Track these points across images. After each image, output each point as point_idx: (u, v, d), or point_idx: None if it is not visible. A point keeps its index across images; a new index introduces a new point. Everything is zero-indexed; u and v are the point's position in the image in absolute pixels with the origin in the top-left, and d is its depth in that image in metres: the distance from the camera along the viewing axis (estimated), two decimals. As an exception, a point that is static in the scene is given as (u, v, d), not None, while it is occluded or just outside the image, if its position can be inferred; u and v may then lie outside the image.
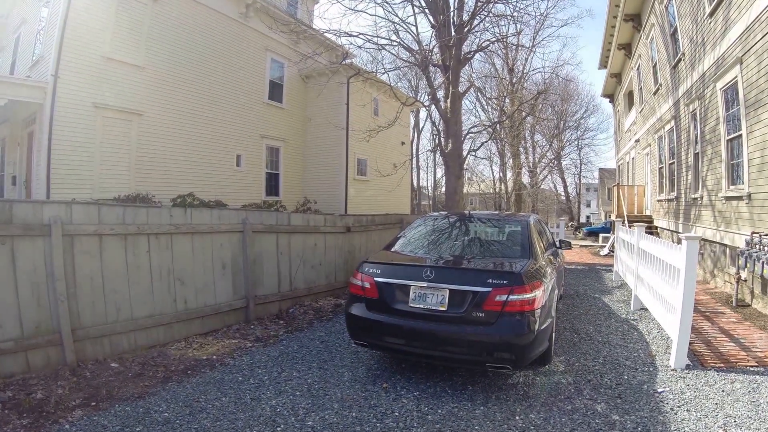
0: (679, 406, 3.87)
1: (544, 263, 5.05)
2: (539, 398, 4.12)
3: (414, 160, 35.53)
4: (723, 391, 4.15)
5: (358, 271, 4.86)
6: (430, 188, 48.23)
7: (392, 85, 17.75)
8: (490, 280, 4.14)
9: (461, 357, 4.28)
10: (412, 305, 4.40)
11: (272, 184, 17.56)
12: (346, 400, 4.10)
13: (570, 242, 7.55)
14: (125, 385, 4.34)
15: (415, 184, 35.42)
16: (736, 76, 7.81)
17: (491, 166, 42.17)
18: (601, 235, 21.00)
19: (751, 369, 4.67)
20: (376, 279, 4.63)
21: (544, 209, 47.92)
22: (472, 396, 4.19)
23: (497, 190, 39.06)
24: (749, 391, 4.10)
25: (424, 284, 4.35)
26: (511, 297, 4.03)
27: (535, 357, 4.32)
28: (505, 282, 4.11)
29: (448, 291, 4.27)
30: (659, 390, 4.24)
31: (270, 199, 16.75)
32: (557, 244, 7.28)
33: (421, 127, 40.60)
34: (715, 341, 5.57)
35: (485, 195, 45.15)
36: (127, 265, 5.21)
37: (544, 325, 4.34)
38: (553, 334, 5.07)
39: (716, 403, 3.90)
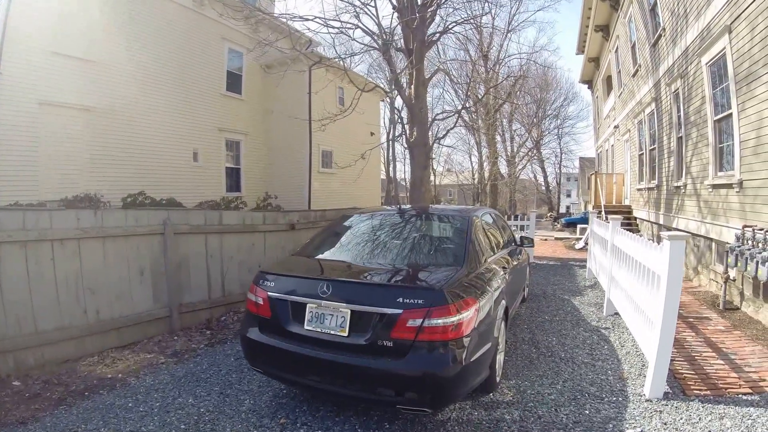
0: (654, 459, 2.89)
1: (486, 270, 4.04)
2: (472, 444, 3.13)
3: (390, 151, 34.42)
4: (709, 431, 3.18)
5: (253, 283, 3.84)
6: (408, 180, 47.21)
7: (368, 74, 16.69)
8: (401, 299, 3.10)
9: (366, 396, 3.26)
10: (308, 328, 3.40)
11: (233, 179, 16.66)
12: (233, 438, 3.31)
13: (533, 239, 6.57)
14: (16, 408, 3.88)
15: (392, 175, 34.22)
16: (724, 48, 6.90)
17: (470, 157, 41.29)
18: (579, 226, 20.10)
19: (744, 398, 3.70)
20: (269, 294, 3.62)
21: (523, 200, 47.22)
22: (386, 438, 3.20)
23: (475, 180, 38.08)
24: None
25: (321, 302, 3.34)
26: (427, 321, 3.01)
27: (463, 394, 3.34)
28: (420, 301, 3.07)
29: (349, 312, 3.26)
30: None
31: (230, 196, 15.96)
32: (518, 241, 6.28)
33: (397, 117, 39.40)
34: (700, 357, 4.61)
35: (464, 186, 44.20)
36: (28, 274, 4.74)
37: (479, 354, 3.32)
38: (501, 356, 4.09)
39: (702, 453, 2.92)
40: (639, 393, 3.87)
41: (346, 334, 3.24)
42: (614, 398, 3.80)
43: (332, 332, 3.29)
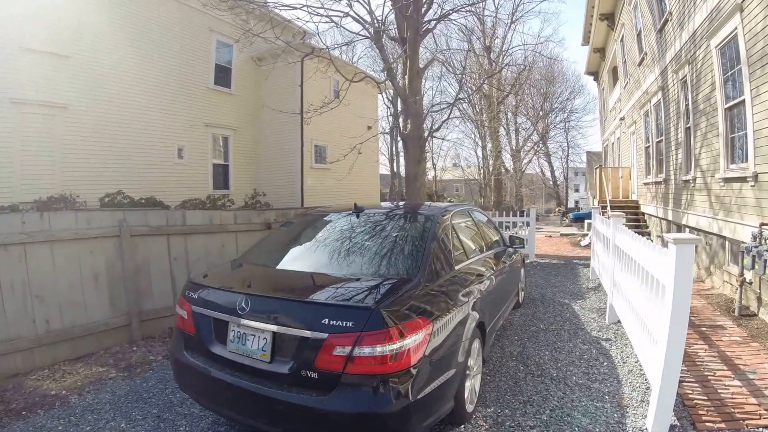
0: None
1: (454, 280, 3.44)
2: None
3: (394, 146, 33.97)
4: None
5: (181, 294, 3.32)
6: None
7: (372, 68, 16.10)
8: (326, 320, 2.52)
9: None
10: (230, 350, 2.87)
11: (221, 176, 16.17)
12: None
13: (523, 239, 5.94)
14: (-50, 428, 3.59)
15: (396, 170, 33.75)
16: (736, 28, 6.32)
17: (476, 151, 40.60)
18: (586, 221, 19.42)
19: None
20: (193, 308, 3.09)
21: (530, 194, 46.44)
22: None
23: (480, 175, 37.39)
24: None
25: (241, 320, 2.80)
26: (358, 350, 2.43)
27: None
28: (349, 324, 2.47)
29: (271, 334, 2.71)
30: (627, 483, 2.68)
31: (217, 194, 15.41)
32: (507, 242, 5.69)
33: (399, 110, 38.89)
34: (714, 377, 4.01)
35: (470, 181, 43.48)
36: (-30, 283, 4.41)
37: (434, 385, 2.74)
38: (474, 381, 3.53)
39: None
40: (640, 427, 3.27)
41: (268, 360, 2.70)
42: (610, 432, 3.23)
43: (254, 357, 2.76)
